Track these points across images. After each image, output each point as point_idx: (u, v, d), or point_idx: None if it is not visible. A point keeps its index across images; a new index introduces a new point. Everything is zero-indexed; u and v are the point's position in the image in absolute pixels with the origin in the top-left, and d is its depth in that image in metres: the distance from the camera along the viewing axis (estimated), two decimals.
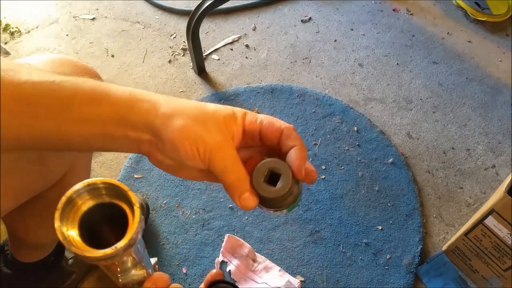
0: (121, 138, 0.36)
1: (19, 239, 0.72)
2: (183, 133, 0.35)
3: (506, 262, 0.89)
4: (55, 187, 0.58)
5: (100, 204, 0.37)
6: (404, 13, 1.55)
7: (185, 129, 0.35)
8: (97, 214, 0.37)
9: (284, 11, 1.52)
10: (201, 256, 0.97)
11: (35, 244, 0.73)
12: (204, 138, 0.36)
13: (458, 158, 1.19)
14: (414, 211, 1.07)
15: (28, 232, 0.68)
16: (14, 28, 1.39)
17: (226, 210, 1.04)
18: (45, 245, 0.76)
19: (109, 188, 0.37)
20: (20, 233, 0.69)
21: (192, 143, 0.35)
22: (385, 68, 1.38)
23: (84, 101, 0.35)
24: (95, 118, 0.35)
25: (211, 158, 0.36)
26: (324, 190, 1.09)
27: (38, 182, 0.53)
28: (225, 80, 1.31)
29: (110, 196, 0.37)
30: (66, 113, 0.34)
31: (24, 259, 0.76)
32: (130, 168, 1.09)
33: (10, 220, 0.67)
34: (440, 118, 1.27)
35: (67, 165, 0.56)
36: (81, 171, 0.63)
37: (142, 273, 0.41)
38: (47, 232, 0.70)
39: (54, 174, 0.55)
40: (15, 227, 0.69)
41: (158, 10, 1.49)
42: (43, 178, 0.53)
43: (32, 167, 0.50)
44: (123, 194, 0.37)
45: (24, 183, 0.50)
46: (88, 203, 0.37)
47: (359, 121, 1.22)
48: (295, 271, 0.97)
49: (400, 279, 0.97)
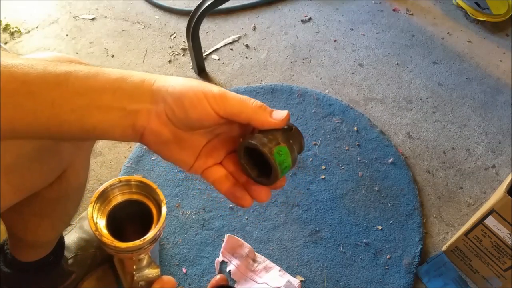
0: (116, 110, 0.35)
1: (18, 238, 0.72)
2: (185, 86, 0.36)
3: (506, 262, 0.89)
4: (53, 185, 0.58)
5: (128, 200, 0.39)
6: (404, 13, 1.55)
7: (187, 84, 0.36)
8: (123, 210, 0.39)
9: (284, 11, 1.52)
10: (201, 256, 0.97)
11: (34, 243, 0.73)
12: (207, 87, 0.37)
13: (458, 158, 1.19)
14: (414, 211, 1.07)
15: (27, 231, 0.68)
16: (14, 28, 1.39)
17: (226, 210, 1.04)
18: (44, 244, 0.76)
19: (139, 186, 0.39)
20: (19, 232, 0.69)
21: (197, 92, 0.36)
22: (385, 68, 1.38)
23: (79, 77, 0.35)
24: (90, 90, 0.35)
25: (223, 99, 0.36)
26: (324, 190, 1.09)
27: (37, 180, 0.53)
28: (225, 80, 1.31)
29: (139, 194, 0.39)
30: (62, 88, 0.34)
31: (23, 258, 0.76)
32: (130, 168, 1.08)
33: (9, 219, 0.67)
34: (440, 118, 1.27)
35: (65, 163, 0.56)
36: (80, 170, 0.63)
37: (156, 272, 0.42)
38: (45, 231, 0.70)
39: (53, 172, 0.55)
40: (14, 226, 0.69)
41: (158, 10, 1.49)
42: (42, 175, 0.53)
43: (31, 165, 0.50)
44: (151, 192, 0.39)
45: (23, 180, 0.50)
46: (117, 198, 0.39)
47: (359, 121, 1.22)
48: (295, 271, 0.97)
49: (400, 279, 0.97)
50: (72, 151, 0.56)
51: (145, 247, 0.37)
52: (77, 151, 0.57)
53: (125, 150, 1.13)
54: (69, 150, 0.55)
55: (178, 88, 0.36)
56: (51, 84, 0.34)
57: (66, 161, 0.56)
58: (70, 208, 0.70)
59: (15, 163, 0.48)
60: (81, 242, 0.87)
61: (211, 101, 0.36)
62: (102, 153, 1.13)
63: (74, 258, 0.85)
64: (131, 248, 0.36)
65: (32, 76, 0.34)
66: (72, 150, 0.56)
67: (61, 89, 0.34)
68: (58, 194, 0.61)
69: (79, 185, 0.67)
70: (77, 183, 0.65)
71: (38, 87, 0.34)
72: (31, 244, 0.74)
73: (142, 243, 0.36)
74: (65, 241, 0.85)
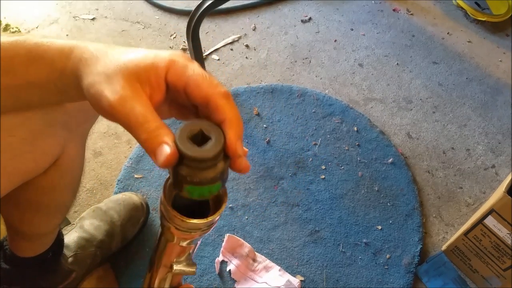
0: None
1: (15, 229, 0.71)
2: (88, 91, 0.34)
3: (506, 261, 0.89)
4: (48, 173, 0.57)
5: None
6: (404, 13, 1.55)
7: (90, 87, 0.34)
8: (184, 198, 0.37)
9: (284, 11, 1.52)
10: (201, 256, 0.97)
11: (30, 234, 0.72)
12: (103, 94, 0.33)
13: (457, 158, 1.20)
14: (414, 211, 1.07)
15: (23, 220, 0.68)
16: (14, 28, 1.39)
17: (226, 210, 1.04)
18: (41, 236, 0.76)
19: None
20: (15, 222, 0.69)
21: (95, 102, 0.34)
22: (385, 68, 1.38)
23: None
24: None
25: (114, 113, 0.32)
26: (324, 190, 1.09)
27: (30, 164, 0.52)
28: (225, 80, 1.31)
29: None
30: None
31: (22, 253, 0.76)
32: (130, 168, 1.09)
33: (5, 209, 0.66)
34: (440, 118, 1.28)
35: (59, 146, 0.55)
36: (75, 157, 0.62)
37: (192, 269, 0.43)
38: (42, 221, 0.70)
39: (46, 156, 0.54)
40: (10, 216, 0.68)
41: (158, 10, 1.49)
42: (35, 159, 0.52)
43: (23, 147, 0.49)
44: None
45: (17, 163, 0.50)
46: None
47: (359, 121, 1.22)
48: (295, 270, 0.97)
49: (400, 279, 0.97)
50: (65, 134, 0.55)
51: (203, 229, 0.37)
52: (70, 135, 0.56)
53: (126, 150, 1.13)
54: (62, 133, 0.54)
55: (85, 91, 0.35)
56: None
57: (59, 145, 0.55)
58: (66, 198, 0.69)
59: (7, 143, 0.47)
60: (81, 241, 0.87)
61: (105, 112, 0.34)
62: (102, 153, 1.13)
63: (74, 257, 0.85)
64: (199, 225, 0.36)
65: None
66: (66, 134, 0.55)
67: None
68: (53, 182, 0.61)
69: (75, 173, 0.66)
70: (73, 171, 0.64)
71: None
72: (28, 237, 0.73)
73: (209, 220, 0.36)
74: (65, 240, 0.85)
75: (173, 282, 0.45)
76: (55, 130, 0.53)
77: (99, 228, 0.90)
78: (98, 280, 0.93)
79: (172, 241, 0.40)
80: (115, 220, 0.92)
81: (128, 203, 0.96)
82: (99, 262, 0.91)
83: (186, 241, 0.40)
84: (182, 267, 0.42)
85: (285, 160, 1.13)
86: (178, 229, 0.37)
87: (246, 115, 1.22)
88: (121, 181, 1.06)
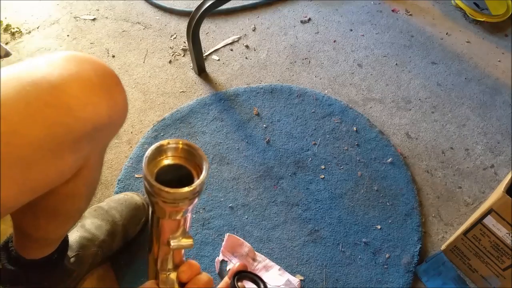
0: None
1: (27, 234, 0.71)
2: None
3: (505, 261, 0.90)
4: (69, 182, 0.57)
5: (172, 164, 0.41)
6: (403, 14, 1.56)
7: None
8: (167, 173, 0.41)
9: (283, 11, 1.53)
10: (201, 255, 0.97)
11: (42, 239, 0.72)
12: None
13: (457, 158, 1.20)
14: (413, 211, 1.08)
15: (38, 227, 0.68)
16: (15, 28, 1.39)
17: (226, 209, 1.04)
18: (51, 241, 0.76)
19: (184, 149, 0.41)
20: (29, 228, 0.68)
21: None
22: (384, 68, 1.39)
23: None
24: None
25: None
26: (324, 189, 1.09)
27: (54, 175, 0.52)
28: (225, 81, 1.32)
29: (182, 158, 0.41)
30: None
31: (28, 255, 0.76)
32: (131, 168, 1.09)
33: (20, 215, 0.66)
34: (439, 118, 1.28)
35: (82, 160, 0.55)
36: (96, 165, 0.62)
37: (190, 241, 0.44)
38: (56, 228, 0.69)
39: (70, 168, 0.53)
40: (25, 222, 0.68)
41: (159, 10, 1.49)
42: (59, 171, 0.52)
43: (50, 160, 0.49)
44: (193, 153, 0.41)
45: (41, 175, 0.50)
46: (163, 162, 0.41)
47: (358, 121, 1.23)
48: (295, 270, 0.98)
49: (399, 278, 0.98)
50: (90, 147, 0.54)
51: (189, 198, 0.39)
52: (94, 147, 0.56)
53: (126, 150, 1.14)
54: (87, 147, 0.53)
55: None
56: None
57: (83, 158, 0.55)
58: (83, 205, 0.69)
59: (36, 156, 0.47)
60: (83, 241, 0.87)
61: None
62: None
63: (76, 257, 0.86)
64: (181, 195, 0.38)
65: None
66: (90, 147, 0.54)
67: None
68: (73, 190, 0.60)
69: (94, 180, 0.66)
70: (92, 180, 0.64)
71: None
72: (39, 241, 0.73)
73: (194, 188, 0.38)
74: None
75: (175, 260, 0.46)
76: (82, 145, 0.52)
77: (101, 228, 0.90)
78: (98, 280, 0.93)
79: (164, 217, 0.42)
80: (116, 220, 0.92)
81: (130, 203, 0.96)
82: (100, 261, 0.91)
83: (177, 214, 0.41)
84: (179, 242, 0.44)
85: (285, 160, 1.14)
86: (166, 201, 0.39)
87: (246, 115, 1.22)
88: (121, 181, 1.07)
